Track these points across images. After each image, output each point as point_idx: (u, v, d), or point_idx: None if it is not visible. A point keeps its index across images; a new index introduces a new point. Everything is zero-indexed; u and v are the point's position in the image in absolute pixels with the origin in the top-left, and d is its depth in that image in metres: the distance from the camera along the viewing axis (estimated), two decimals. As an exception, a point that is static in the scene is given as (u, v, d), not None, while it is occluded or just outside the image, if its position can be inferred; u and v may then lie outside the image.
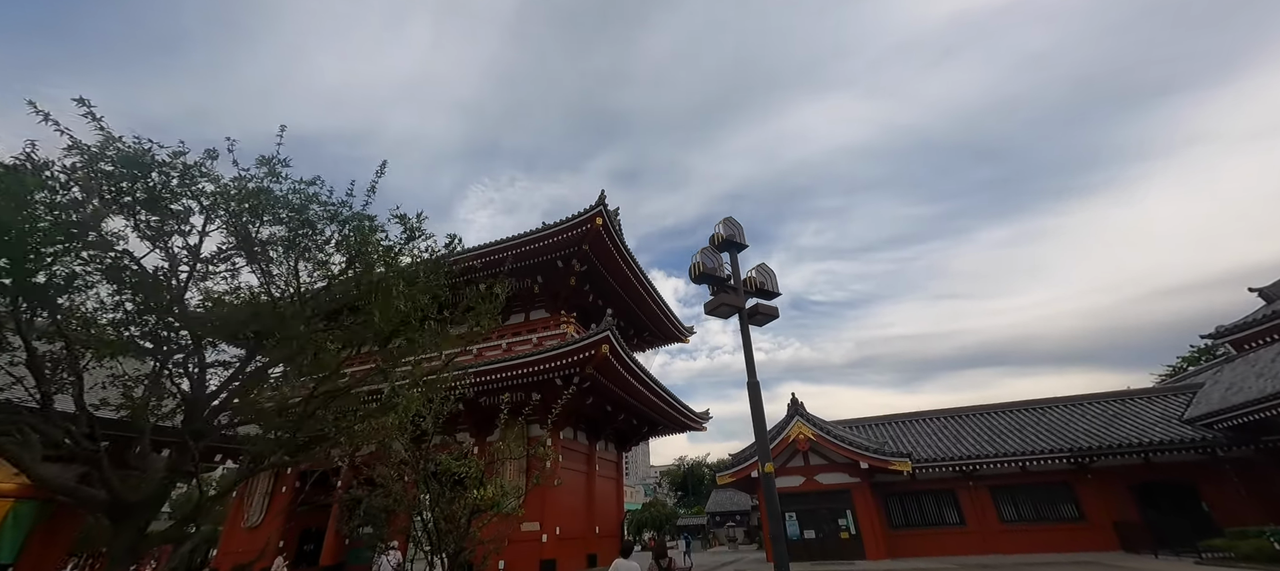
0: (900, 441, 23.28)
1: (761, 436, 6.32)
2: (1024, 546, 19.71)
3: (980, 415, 24.83)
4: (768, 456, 6.23)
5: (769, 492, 6.06)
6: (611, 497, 27.88)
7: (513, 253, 22.72)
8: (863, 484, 21.14)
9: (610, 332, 18.12)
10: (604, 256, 23.59)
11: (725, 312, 7.07)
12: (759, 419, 6.40)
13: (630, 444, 31.59)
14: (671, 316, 30.98)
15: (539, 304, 26.10)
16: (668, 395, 25.00)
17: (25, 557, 5.75)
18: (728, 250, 7.59)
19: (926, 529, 21.42)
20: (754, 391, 6.54)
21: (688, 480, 69.71)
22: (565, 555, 20.31)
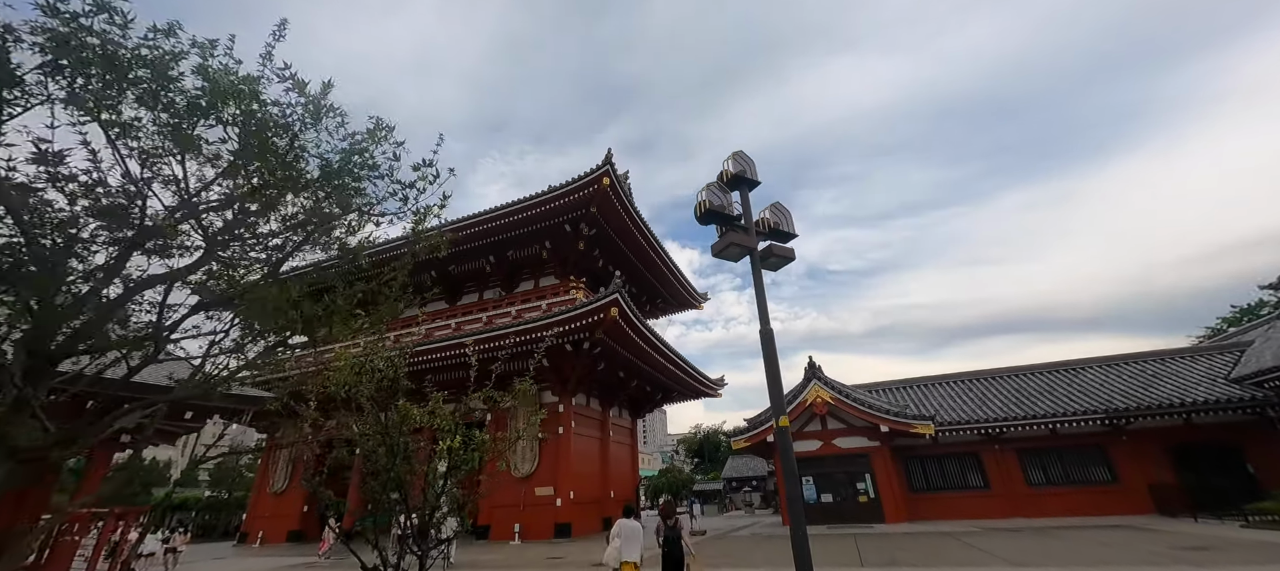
0: (922, 404, 22.54)
1: (775, 388, 5.69)
2: (1051, 510, 19.06)
3: (1008, 377, 23.88)
4: (783, 409, 5.62)
5: (785, 448, 5.47)
6: (626, 463, 27.90)
7: (518, 217, 22.15)
8: (882, 448, 20.58)
9: (619, 295, 17.57)
10: (613, 219, 22.87)
11: (735, 254, 6.36)
12: (773, 369, 5.77)
13: (644, 410, 31.47)
14: (684, 281, 30.31)
15: (548, 270, 25.63)
16: (681, 360, 24.56)
17: (-4, 519, 5.47)
18: (738, 187, 6.82)
19: (948, 492, 20.88)
20: (767, 340, 5.89)
21: (704, 447, 70.25)
22: (580, 518, 20.33)
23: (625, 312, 18.08)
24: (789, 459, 5.46)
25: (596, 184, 20.52)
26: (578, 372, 21.47)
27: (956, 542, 13.74)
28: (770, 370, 5.79)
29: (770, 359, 5.83)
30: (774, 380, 5.74)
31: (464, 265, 26.05)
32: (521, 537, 19.68)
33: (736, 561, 12.21)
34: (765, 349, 5.88)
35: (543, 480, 20.78)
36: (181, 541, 16.48)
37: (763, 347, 5.90)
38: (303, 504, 26.55)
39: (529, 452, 21.24)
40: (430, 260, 22.04)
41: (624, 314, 18.04)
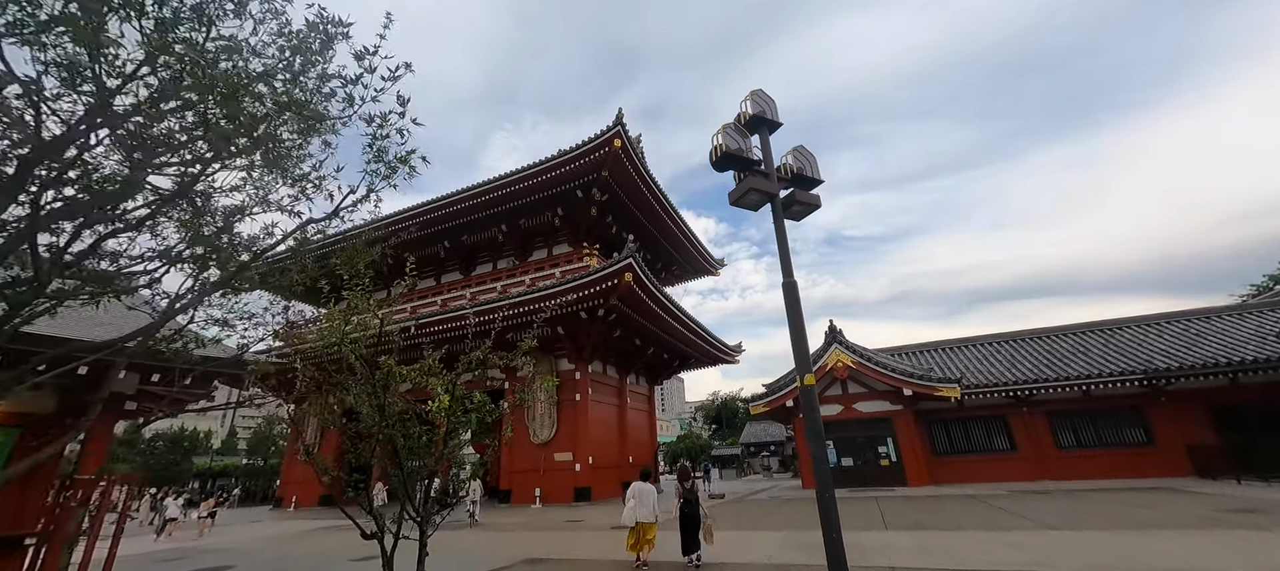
0: (947, 367, 21.91)
1: (800, 343, 5.28)
2: (1082, 472, 18.51)
3: (1038, 338, 23.01)
4: (808, 366, 5.22)
5: (809, 407, 5.09)
6: (644, 429, 28.03)
7: (529, 183, 21.70)
8: (905, 411, 20.15)
9: (632, 259, 17.16)
10: (625, 183, 22.26)
11: (754, 201, 5.86)
12: (797, 324, 5.35)
13: (662, 377, 31.44)
14: (700, 246, 29.72)
15: (561, 238, 25.29)
16: (697, 326, 24.24)
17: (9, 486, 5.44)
18: (757, 130, 6.26)
19: (973, 455, 20.44)
20: (790, 293, 5.45)
21: (722, 414, 70.73)
22: (599, 482, 20.50)
23: (639, 278, 17.71)
24: (814, 419, 5.09)
25: (607, 146, 19.88)
26: (593, 340, 21.32)
27: (983, 505, 13.39)
28: (794, 324, 5.36)
29: (794, 313, 5.40)
30: (798, 335, 5.32)
31: (477, 235, 25.84)
32: (542, 501, 20.00)
33: (756, 523, 12.08)
34: (789, 302, 5.44)
35: (562, 446, 20.95)
36: (206, 506, 17.08)
37: (786, 301, 5.46)
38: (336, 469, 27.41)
39: (547, 419, 21.39)
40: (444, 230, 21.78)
41: (638, 279, 17.67)
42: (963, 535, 9.08)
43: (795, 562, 7.47)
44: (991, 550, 7.58)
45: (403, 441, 4.33)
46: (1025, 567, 6.47)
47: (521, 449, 21.86)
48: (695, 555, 7.60)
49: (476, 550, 10.32)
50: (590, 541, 10.57)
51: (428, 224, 24.60)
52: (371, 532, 4.24)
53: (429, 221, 24.42)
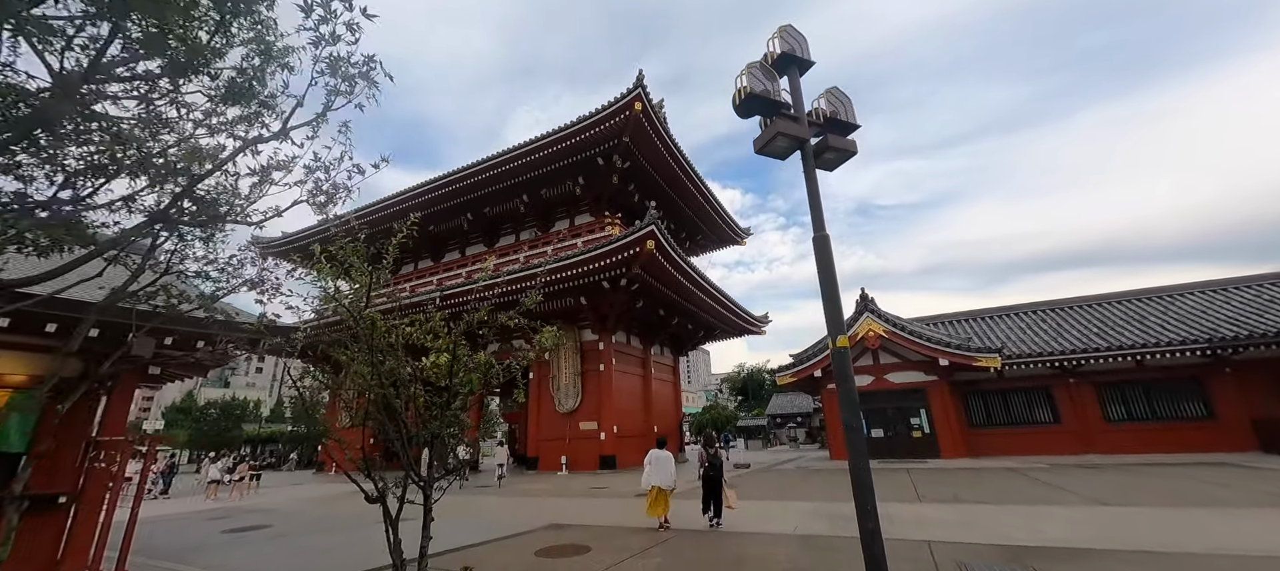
0: (987, 337, 20.88)
1: (832, 302, 4.82)
2: (1131, 446, 17.51)
3: (1087, 306, 21.64)
4: (841, 327, 4.77)
5: (842, 372, 4.66)
6: (669, 399, 27.99)
7: (549, 151, 21.30)
8: (940, 382, 19.36)
9: (655, 226, 16.69)
10: (647, 149, 21.62)
11: (782, 148, 5.33)
12: (829, 281, 4.87)
13: (686, 348, 31.21)
14: (725, 214, 28.94)
15: (583, 207, 24.94)
16: (722, 296, 23.74)
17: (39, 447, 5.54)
18: (786, 70, 5.67)
19: (1012, 428, 19.60)
20: (822, 247, 4.96)
21: (748, 385, 70.49)
22: (624, 451, 20.57)
23: (662, 245, 17.26)
24: (847, 385, 4.66)
25: (628, 110, 19.21)
26: (616, 310, 21.12)
27: (1024, 478, 12.76)
28: (826, 282, 4.89)
29: (826, 270, 4.92)
30: (830, 294, 4.86)
31: (499, 207, 25.75)
32: (568, 469, 20.26)
33: (782, 493, 11.81)
34: (820, 258, 4.96)
35: (587, 415, 21.07)
36: (244, 469, 17.86)
37: (817, 257, 4.98)
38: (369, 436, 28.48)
39: (572, 389, 21.49)
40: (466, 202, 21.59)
41: (660, 247, 17.22)
42: (1005, 509, 8.58)
43: (823, 533, 7.16)
44: (1040, 526, 7.09)
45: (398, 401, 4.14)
46: (1081, 545, 5.98)
47: (547, 418, 22.12)
48: (715, 519, 8.01)
49: (500, 515, 10.40)
50: (613, 508, 10.52)
51: (450, 196, 24.63)
52: (374, 497, 4.09)
53: (451, 193, 24.43)
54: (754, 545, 6.61)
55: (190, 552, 7.51)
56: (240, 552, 7.44)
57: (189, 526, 10.45)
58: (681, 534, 7.53)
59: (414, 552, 3.91)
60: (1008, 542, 6.22)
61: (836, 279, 4.94)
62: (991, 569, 5.17)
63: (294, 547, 7.75)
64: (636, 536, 7.48)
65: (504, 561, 6.23)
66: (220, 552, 7.47)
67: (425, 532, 4.02)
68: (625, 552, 6.42)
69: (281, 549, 7.71)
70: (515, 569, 5.85)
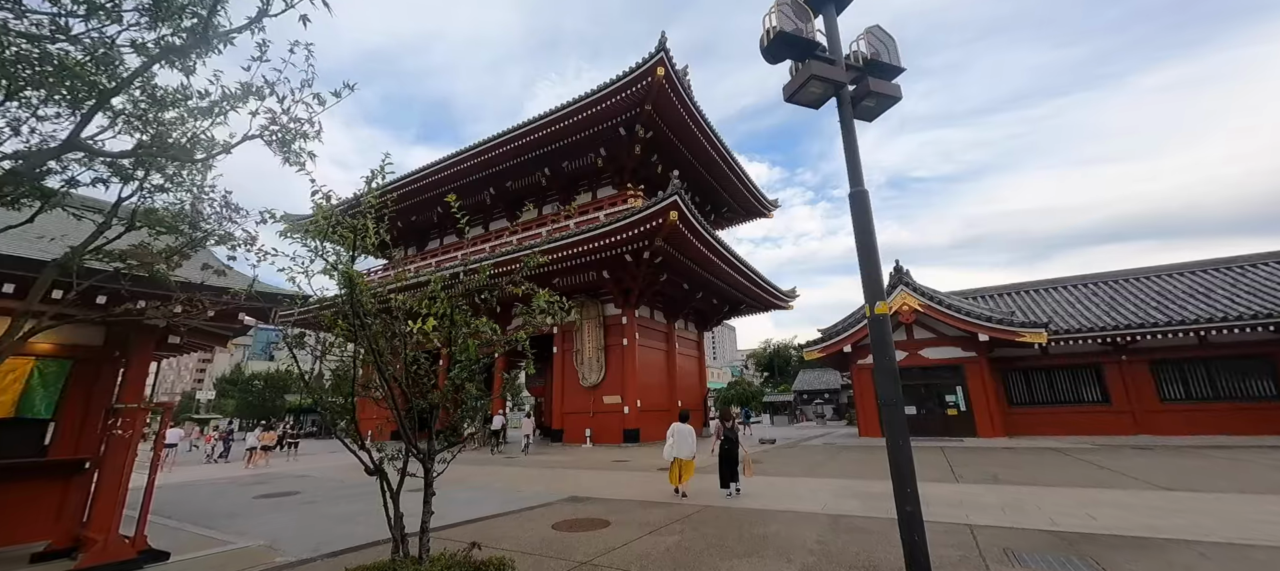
0: (1031, 311, 19.73)
1: (870, 263, 4.34)
2: (1188, 427, 16.36)
3: (1144, 279, 20.14)
4: (880, 292, 4.30)
5: (881, 340, 4.21)
6: (693, 374, 27.77)
7: (569, 121, 20.83)
8: (978, 359, 18.45)
9: (678, 196, 16.16)
10: (671, 118, 20.89)
11: (815, 94, 4.78)
12: (866, 240, 4.38)
13: (712, 323, 30.80)
14: (752, 186, 28.04)
15: (605, 180, 24.50)
16: (748, 269, 23.12)
17: (65, 413, 5.61)
18: (821, 8, 5.06)
19: (1056, 407, 18.60)
20: (859, 203, 4.46)
21: (774, 361, 69.72)
22: (648, 425, 20.52)
23: (686, 216, 16.73)
24: (886, 355, 4.22)
25: (650, 76, 18.49)
26: (640, 284, 20.80)
27: (1069, 459, 12.03)
28: (863, 241, 4.41)
29: (863, 227, 4.43)
30: (868, 255, 4.38)
31: (521, 180, 25.54)
32: (592, 442, 20.41)
33: (810, 470, 11.45)
34: (857, 215, 4.47)
35: (610, 389, 21.05)
36: (267, 438, 18.51)
37: (853, 214, 4.48)
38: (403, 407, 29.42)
39: (596, 363, 21.46)
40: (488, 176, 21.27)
41: (684, 218, 16.70)
42: (1052, 492, 8.02)
43: (853, 513, 6.79)
44: (1094, 511, 6.54)
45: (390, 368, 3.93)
46: (1144, 534, 5.44)
47: (572, 391, 22.22)
48: (734, 487, 8.33)
49: (522, 486, 10.41)
50: (634, 481, 10.38)
51: (471, 170, 24.53)
52: (372, 469, 3.93)
53: (473, 168, 24.33)
54: (779, 524, 6.30)
55: (221, 518, 7.70)
56: (265, 518, 7.59)
57: (226, 492, 10.84)
58: (703, 509, 7.29)
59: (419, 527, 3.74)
60: (1059, 529, 5.72)
61: (875, 239, 4.45)
62: (1047, 560, 4.71)
63: (316, 514, 7.87)
64: (656, 510, 7.27)
65: (520, 534, 6.11)
66: (247, 518, 7.64)
67: (426, 507, 3.84)
68: (644, 528, 6.21)
69: (305, 515, 7.84)
70: (531, 542, 5.71)
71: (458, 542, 5.45)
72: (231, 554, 5.40)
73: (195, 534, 6.36)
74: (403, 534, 3.73)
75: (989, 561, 4.63)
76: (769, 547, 5.23)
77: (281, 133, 3.18)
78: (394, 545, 3.68)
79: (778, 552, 5.05)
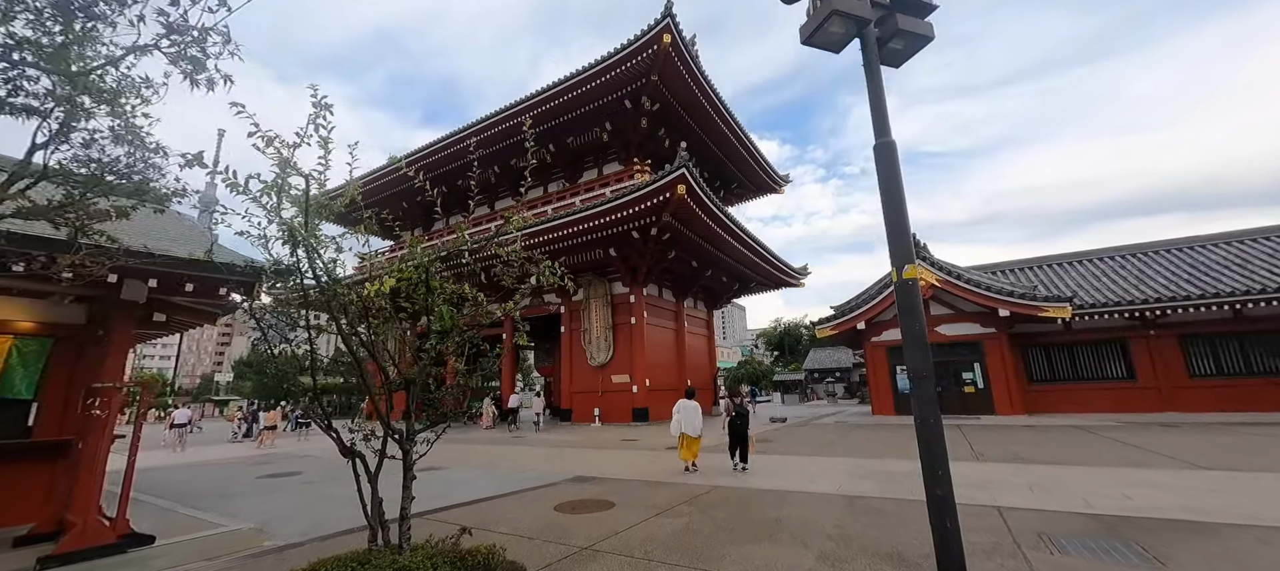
0: (1054, 285, 19.02)
1: (898, 220, 3.88)
2: (1218, 403, 15.75)
3: (1175, 250, 19.28)
4: (909, 254, 3.86)
5: (908, 306, 3.79)
6: (703, 353, 27.47)
7: (573, 95, 20.20)
8: (997, 335, 17.87)
9: (685, 169, 15.61)
10: (678, 89, 20.18)
11: (836, 36, 4.26)
12: (894, 195, 3.92)
13: (721, 301, 30.35)
14: (762, 160, 27.26)
15: (611, 155, 23.91)
16: (758, 245, 22.57)
17: (48, 394, 5.40)
18: (843, -61, 4.51)
19: (1078, 383, 18.04)
20: (885, 155, 3.98)
21: (784, 340, 69.33)
22: (657, 404, 20.31)
23: (694, 190, 16.19)
24: (915, 322, 3.79)
25: (655, 44, 17.77)
26: (648, 262, 20.38)
27: (1094, 437, 11.56)
28: (890, 197, 3.95)
29: (890, 182, 3.96)
30: (895, 211, 3.92)
31: (524, 157, 25.03)
32: (602, 421, 20.29)
33: (822, 449, 11.12)
34: (882, 169, 4.00)
35: (619, 368, 20.83)
36: (271, 418, 18.59)
37: (878, 166, 4.01)
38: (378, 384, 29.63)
39: (604, 342, 21.22)
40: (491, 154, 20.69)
41: (692, 191, 16.17)
42: (1081, 471, 7.60)
43: (870, 494, 6.44)
44: (1129, 492, 6.12)
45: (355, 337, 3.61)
46: (1188, 516, 5.02)
47: (580, 371, 22.05)
48: (742, 464, 8.53)
49: (529, 465, 10.22)
50: (642, 461, 10.14)
51: (474, 148, 24.05)
52: (346, 450, 3.63)
53: (475, 145, 23.83)
54: (793, 506, 5.97)
55: (219, 498, 7.58)
56: (263, 499, 7.44)
57: (232, 472, 10.80)
58: (712, 490, 6.99)
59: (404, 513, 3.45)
60: (1095, 511, 5.32)
61: (903, 195, 3.98)
62: (1089, 546, 4.32)
63: (314, 495, 7.73)
64: (663, 491, 6.99)
65: (521, 516, 5.85)
66: (245, 499, 7.50)
67: (406, 492, 3.54)
68: (650, 510, 5.92)
69: (302, 496, 7.70)
70: (531, 525, 5.44)
71: (453, 525, 5.21)
72: (220, 537, 5.21)
73: (189, 516, 6.21)
74: (382, 520, 3.44)
75: (1024, 547, 4.26)
76: (783, 532, 4.90)
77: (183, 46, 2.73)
78: (371, 533, 3.40)
79: (793, 537, 4.72)
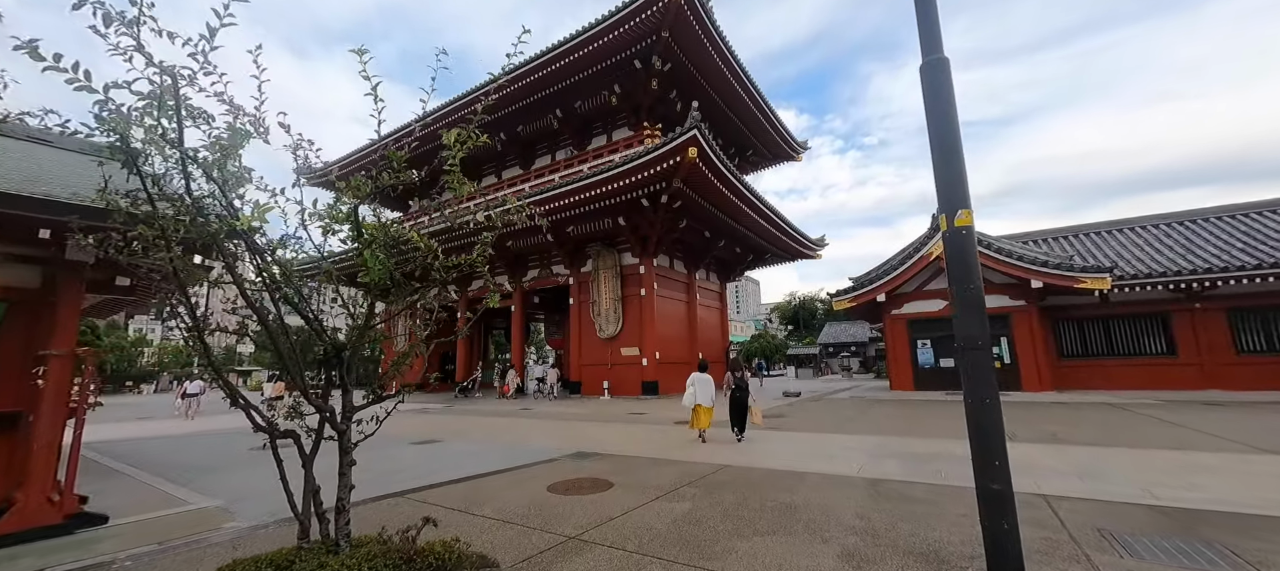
0: (1091, 255, 17.85)
1: (949, 153, 3.14)
2: (1265, 381, 14.76)
3: (1226, 218, 17.90)
4: (962, 197, 3.13)
5: (958, 255, 3.08)
6: (715, 326, 26.87)
7: (581, 54, 19.18)
8: (1027, 307, 16.90)
9: (697, 131, 14.70)
10: (691, 46, 19.04)
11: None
12: (944, 123, 3.16)
13: (735, 273, 29.56)
14: (779, 124, 26.00)
15: (620, 120, 22.94)
16: (773, 213, 21.62)
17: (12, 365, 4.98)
18: None
19: (1112, 359, 17.08)
20: (934, 74, 3.21)
21: (799, 314, 68.43)
22: (667, 377, 19.88)
23: (706, 152, 15.29)
24: (970, 282, 3.10)
25: (667, -5, 16.61)
26: (658, 231, 19.64)
27: (1132, 415, 10.76)
28: (939, 127, 3.19)
29: (941, 108, 3.20)
30: (947, 141, 3.17)
31: (532, 123, 24.20)
32: (610, 394, 19.97)
33: (840, 426, 10.52)
34: (930, 90, 3.23)
35: (628, 340, 20.37)
36: (277, 389, 18.51)
37: (925, 89, 3.25)
38: (423, 360, 29.67)
39: (613, 314, 20.73)
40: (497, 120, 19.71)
41: (704, 154, 15.27)
42: (1128, 454, 6.88)
43: (894, 477, 5.83)
44: (1194, 478, 5.41)
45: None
46: (1271, 511, 4.32)
47: (589, 343, 21.66)
48: (739, 432, 8.78)
49: (532, 438, 9.83)
50: (649, 436, 9.66)
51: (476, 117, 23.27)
52: (263, 427, 3.10)
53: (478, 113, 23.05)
54: (808, 489, 5.40)
55: (201, 471, 7.29)
56: (244, 473, 7.11)
57: (228, 442, 10.61)
58: (720, 470, 6.46)
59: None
60: (1160, 503, 4.64)
61: (957, 121, 3.21)
62: (1163, 547, 3.66)
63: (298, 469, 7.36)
64: (667, 470, 6.47)
65: (509, 497, 5.38)
66: (226, 473, 7.20)
67: (343, 479, 3.01)
68: (651, 492, 5.40)
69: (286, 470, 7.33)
70: (518, 507, 4.96)
71: (434, 507, 4.74)
72: (183, 515, 4.84)
73: (162, 491, 5.88)
74: (318, 509, 2.93)
75: (1085, 547, 3.61)
76: (797, 521, 4.33)
77: None
78: (300, 529, 2.88)
79: (809, 528, 4.14)
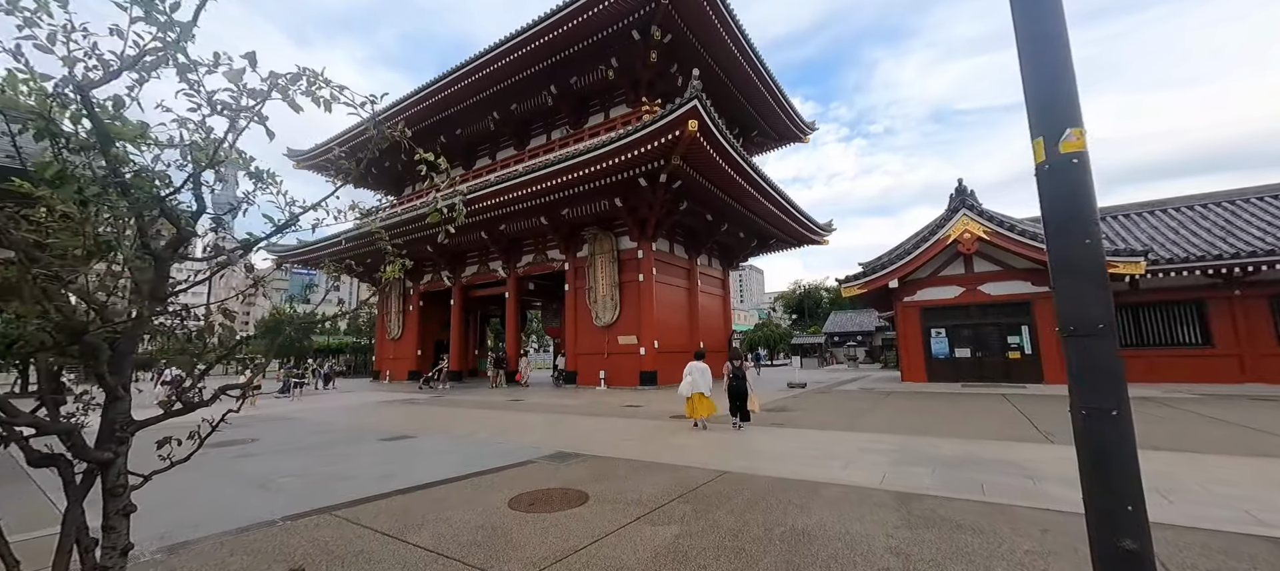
0: (1120, 239, 16.71)
1: (1048, 59, 2.16)
2: (1313, 375, 13.67)
3: (1271, 198, 16.67)
4: (1074, 116, 2.12)
5: (1069, 205, 2.12)
6: (717, 314, 25.91)
7: (572, 24, 18.01)
8: (1050, 294, 15.80)
9: (697, 101, 13.60)
10: (693, 14, 17.85)
11: None
12: (1041, 13, 2.16)
13: (738, 259, 28.52)
14: (785, 102, 24.78)
15: (618, 97, 21.81)
16: (779, 195, 20.52)
17: None
18: None
19: (1143, 349, 16.02)
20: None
21: (804, 303, 67.35)
22: (666, 367, 18.99)
23: (707, 126, 14.20)
24: (1082, 235, 2.11)
25: (667, -43, 15.41)
26: (657, 214, 18.61)
27: (1172, 410, 9.76)
28: (1033, 18, 2.17)
29: (1031, 10, 2.17)
30: (1043, 19, 2.16)
31: (525, 102, 23.10)
32: (607, 384, 19.14)
33: (851, 422, 9.57)
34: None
35: (625, 329, 19.47)
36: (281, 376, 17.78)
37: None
38: (417, 347, 28.95)
39: (610, 301, 19.80)
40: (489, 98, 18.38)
41: (705, 128, 14.19)
42: (1197, 461, 5.90)
43: (928, 490, 4.89)
44: (1298, 498, 4.42)
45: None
46: None
47: (585, 331, 20.78)
48: (740, 420, 8.85)
49: (514, 434, 8.96)
50: (641, 433, 8.76)
51: (470, 91, 22.19)
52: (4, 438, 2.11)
53: (471, 87, 21.97)
54: (825, 507, 4.45)
55: (130, 473, 6.45)
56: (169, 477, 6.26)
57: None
58: (718, 477, 5.53)
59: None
60: (1271, 531, 3.66)
61: (1061, 8, 2.21)
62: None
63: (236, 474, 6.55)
64: (656, 477, 5.55)
65: (457, 517, 4.46)
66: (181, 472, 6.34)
67: (110, 538, 2.06)
68: (632, 509, 4.47)
69: (218, 473, 6.51)
70: (463, 531, 4.05)
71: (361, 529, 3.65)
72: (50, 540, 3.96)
73: (58, 502, 5.03)
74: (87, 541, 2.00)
75: (1211, 609, 2.65)
76: (814, 559, 3.38)
77: None
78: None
79: (828, 567, 3.20)
